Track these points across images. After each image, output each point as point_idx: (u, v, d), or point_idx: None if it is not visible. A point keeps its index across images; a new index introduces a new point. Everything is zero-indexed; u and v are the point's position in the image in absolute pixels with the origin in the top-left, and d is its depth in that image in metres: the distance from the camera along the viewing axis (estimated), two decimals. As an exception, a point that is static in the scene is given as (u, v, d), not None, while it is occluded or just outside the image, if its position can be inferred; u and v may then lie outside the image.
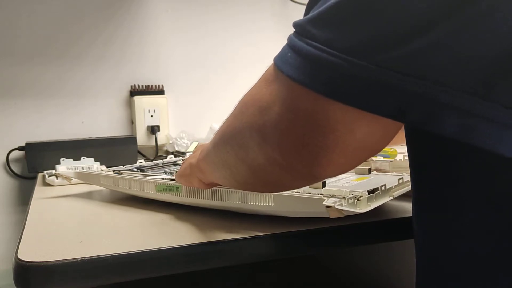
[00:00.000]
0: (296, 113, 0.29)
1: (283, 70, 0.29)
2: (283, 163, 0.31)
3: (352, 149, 0.29)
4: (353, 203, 0.41)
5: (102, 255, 0.40)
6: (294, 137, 0.29)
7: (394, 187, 0.47)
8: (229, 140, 0.37)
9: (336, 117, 0.28)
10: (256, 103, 0.32)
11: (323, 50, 0.27)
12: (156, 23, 1.14)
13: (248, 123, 0.33)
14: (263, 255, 0.45)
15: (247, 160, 0.35)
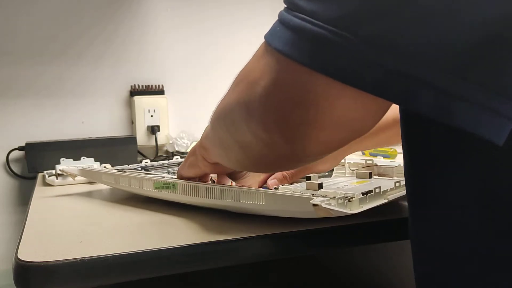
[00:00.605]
0: (280, 86, 0.28)
1: (271, 43, 0.29)
2: (267, 139, 0.30)
3: (332, 125, 0.28)
4: (343, 203, 0.41)
5: (102, 255, 0.40)
6: (276, 112, 0.29)
7: (390, 190, 0.47)
8: (222, 118, 0.37)
9: (317, 90, 0.27)
10: (246, 79, 0.32)
11: (308, 21, 0.27)
12: (156, 22, 1.14)
13: (237, 98, 0.33)
14: (263, 255, 0.45)
15: (237, 137, 0.35)
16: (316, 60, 0.26)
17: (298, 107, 0.28)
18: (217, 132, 0.39)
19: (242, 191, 0.47)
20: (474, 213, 0.32)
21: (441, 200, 0.35)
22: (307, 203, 0.41)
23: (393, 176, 0.60)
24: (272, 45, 0.29)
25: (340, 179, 0.60)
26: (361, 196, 0.42)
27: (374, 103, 0.28)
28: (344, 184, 0.55)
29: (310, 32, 0.26)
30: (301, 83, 0.28)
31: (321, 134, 0.28)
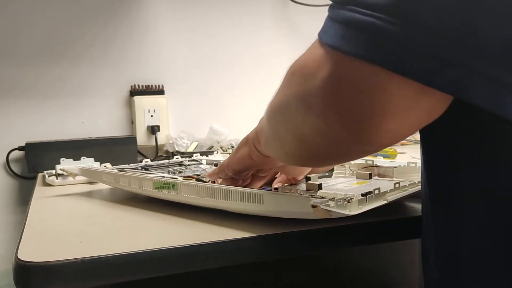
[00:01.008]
0: (337, 79, 0.28)
1: (322, 39, 0.29)
2: (327, 131, 0.30)
3: (398, 114, 0.27)
4: (342, 204, 0.41)
5: (102, 255, 0.40)
6: (339, 103, 0.28)
7: (389, 191, 0.47)
8: (278, 111, 0.36)
9: (376, 82, 0.27)
10: (300, 71, 0.32)
11: (360, 11, 0.27)
12: (156, 23, 1.14)
13: (293, 92, 0.32)
14: (262, 255, 0.45)
15: (294, 130, 0.34)
16: (371, 52, 0.26)
17: (358, 98, 0.27)
18: (273, 126, 0.39)
19: (241, 191, 0.47)
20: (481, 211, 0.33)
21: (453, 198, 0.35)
22: (306, 204, 0.41)
23: (393, 176, 0.60)
24: (324, 40, 0.29)
25: (340, 179, 0.60)
26: (360, 198, 0.42)
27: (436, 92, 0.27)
28: (344, 184, 0.55)
29: (362, 22, 0.26)
30: (358, 76, 0.27)
31: (389, 123, 0.28)
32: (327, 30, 0.30)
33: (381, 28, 0.26)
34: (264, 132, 0.43)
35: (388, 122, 0.28)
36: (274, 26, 1.26)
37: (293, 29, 1.28)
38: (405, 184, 0.50)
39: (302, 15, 1.27)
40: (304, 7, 1.24)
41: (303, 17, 1.27)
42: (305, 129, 0.32)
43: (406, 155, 0.92)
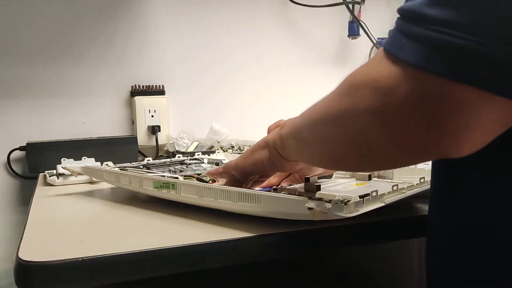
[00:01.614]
0: (424, 96, 0.29)
1: (399, 56, 0.29)
2: (406, 144, 0.31)
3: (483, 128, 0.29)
4: (338, 206, 0.41)
5: (103, 255, 0.40)
6: (424, 120, 0.29)
7: (387, 193, 0.47)
8: (335, 120, 0.36)
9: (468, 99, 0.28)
10: (371, 85, 0.31)
11: (444, 32, 0.27)
12: (157, 23, 1.14)
13: (363, 105, 0.32)
14: (262, 255, 0.46)
15: (359, 141, 0.34)
16: (459, 72, 0.27)
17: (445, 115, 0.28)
18: (319, 133, 0.39)
19: (240, 192, 0.47)
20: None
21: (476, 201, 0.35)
22: (303, 206, 0.41)
23: (393, 178, 0.60)
24: (402, 58, 0.29)
25: (339, 180, 0.60)
26: (358, 200, 0.42)
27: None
28: (343, 186, 0.55)
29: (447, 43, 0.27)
30: (445, 94, 0.28)
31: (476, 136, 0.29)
32: (401, 46, 0.30)
33: (467, 47, 0.26)
34: (300, 137, 0.43)
35: (475, 135, 0.29)
36: (274, 26, 1.26)
37: (293, 29, 1.28)
38: (403, 186, 0.50)
39: (301, 15, 1.27)
40: (304, 8, 1.24)
41: (302, 18, 1.27)
42: (377, 140, 0.32)
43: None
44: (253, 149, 0.51)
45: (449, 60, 0.27)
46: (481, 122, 0.28)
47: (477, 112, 0.28)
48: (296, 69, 1.28)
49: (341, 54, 1.30)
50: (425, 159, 0.33)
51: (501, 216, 0.33)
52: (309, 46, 1.29)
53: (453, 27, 0.27)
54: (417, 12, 0.29)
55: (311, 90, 1.28)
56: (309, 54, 1.29)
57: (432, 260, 0.42)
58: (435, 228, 0.41)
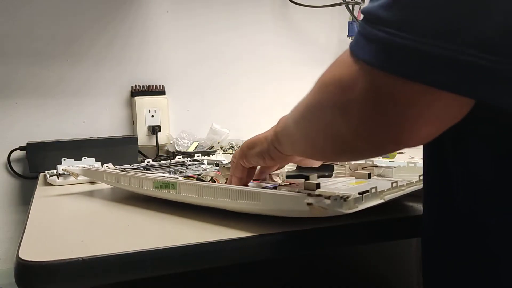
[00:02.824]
0: (378, 92, 0.31)
1: (359, 55, 0.32)
2: (366, 135, 0.34)
3: (430, 121, 0.31)
4: (337, 202, 0.41)
5: (103, 255, 0.40)
6: (378, 113, 0.32)
7: (386, 190, 0.47)
8: (311, 116, 0.39)
9: (416, 94, 0.30)
10: (336, 83, 0.34)
11: (397, 35, 0.29)
12: (157, 23, 1.14)
13: (331, 101, 0.35)
14: (262, 255, 0.46)
15: (330, 133, 0.37)
16: (406, 69, 0.29)
17: (399, 108, 0.31)
18: (301, 128, 0.42)
19: (239, 190, 0.48)
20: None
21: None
22: (302, 202, 0.41)
23: (392, 176, 0.60)
24: (361, 57, 0.32)
25: (339, 179, 0.60)
26: (357, 196, 0.42)
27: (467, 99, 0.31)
28: (342, 184, 0.55)
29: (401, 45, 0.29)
30: (398, 90, 0.30)
31: (422, 129, 0.32)
32: (362, 47, 0.32)
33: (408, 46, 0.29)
34: (290, 133, 0.46)
35: (421, 128, 0.32)
36: (274, 26, 1.26)
37: (292, 29, 1.28)
38: (403, 183, 0.50)
39: (301, 15, 1.27)
40: (304, 8, 1.24)
41: (302, 18, 1.28)
42: (343, 132, 0.35)
43: (405, 155, 0.92)
44: (254, 141, 0.53)
45: (397, 58, 0.29)
46: (430, 116, 0.31)
47: (425, 107, 0.30)
48: (296, 69, 1.28)
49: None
50: (387, 150, 0.36)
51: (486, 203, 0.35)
52: (309, 46, 1.29)
53: (398, 28, 0.29)
54: (372, 14, 0.31)
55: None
56: (309, 55, 1.29)
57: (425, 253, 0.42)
58: (426, 220, 0.42)
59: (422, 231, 0.43)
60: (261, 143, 0.52)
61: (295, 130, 0.44)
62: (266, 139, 0.51)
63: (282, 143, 0.48)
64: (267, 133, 0.51)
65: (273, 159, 0.51)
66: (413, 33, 0.28)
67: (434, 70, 0.28)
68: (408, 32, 0.29)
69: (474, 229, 0.36)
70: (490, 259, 0.35)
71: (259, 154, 0.52)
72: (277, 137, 0.49)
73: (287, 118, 0.46)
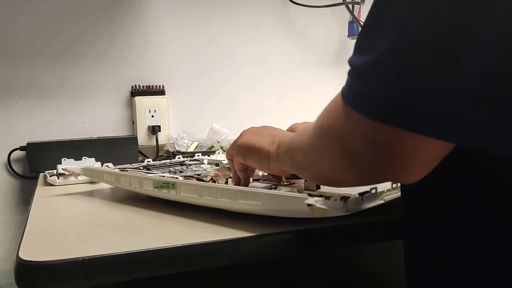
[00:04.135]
0: (373, 142, 0.33)
1: (353, 107, 0.33)
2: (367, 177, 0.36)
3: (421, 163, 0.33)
4: (338, 203, 0.41)
5: (103, 255, 0.40)
6: (376, 161, 0.34)
7: (386, 191, 0.47)
8: (316, 155, 0.40)
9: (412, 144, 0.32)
10: (337, 133, 0.36)
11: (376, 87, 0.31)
12: (157, 23, 1.14)
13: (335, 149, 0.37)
14: (262, 254, 0.46)
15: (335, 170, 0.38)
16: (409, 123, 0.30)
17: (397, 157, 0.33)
18: (307, 161, 0.43)
19: (239, 191, 0.48)
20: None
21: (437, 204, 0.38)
22: (302, 203, 0.41)
23: None
24: (357, 110, 0.33)
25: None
26: (357, 197, 0.42)
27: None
28: None
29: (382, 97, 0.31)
30: (395, 140, 0.32)
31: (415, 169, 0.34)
32: (353, 98, 0.33)
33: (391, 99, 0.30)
34: (295, 158, 0.46)
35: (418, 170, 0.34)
36: (274, 27, 1.26)
37: (292, 30, 1.28)
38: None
39: (301, 16, 1.27)
40: (303, 8, 1.24)
41: (302, 18, 1.28)
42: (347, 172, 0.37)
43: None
44: (255, 149, 0.52)
45: (386, 110, 0.31)
46: (421, 159, 0.33)
47: (414, 152, 0.32)
48: (295, 69, 1.28)
49: (341, 55, 1.30)
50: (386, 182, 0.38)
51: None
52: (309, 46, 1.29)
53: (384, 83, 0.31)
54: (356, 67, 0.33)
55: (310, 90, 1.28)
56: (309, 55, 1.29)
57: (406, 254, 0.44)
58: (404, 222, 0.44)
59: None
60: (261, 153, 0.52)
61: (302, 160, 0.45)
62: (267, 154, 0.51)
63: (282, 162, 0.49)
64: (268, 148, 0.51)
65: (271, 170, 0.52)
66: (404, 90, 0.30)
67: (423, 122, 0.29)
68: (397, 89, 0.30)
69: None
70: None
71: (258, 163, 0.52)
72: (279, 156, 0.49)
73: (291, 143, 0.47)
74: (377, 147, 0.33)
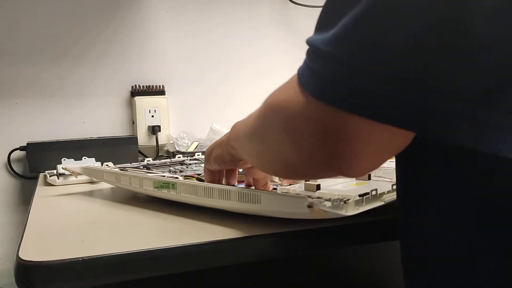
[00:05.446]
0: (323, 126, 0.31)
1: (305, 87, 0.32)
2: (311, 164, 0.34)
3: (372, 153, 0.32)
4: (338, 205, 0.41)
5: (103, 255, 0.40)
6: (323, 147, 0.32)
7: (387, 192, 0.47)
8: (260, 139, 0.40)
9: (358, 129, 0.30)
10: (284, 111, 0.34)
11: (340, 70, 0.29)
12: (157, 23, 1.14)
13: (279, 128, 0.35)
14: (262, 254, 0.46)
15: (278, 157, 0.37)
16: (353, 104, 0.29)
17: (343, 143, 0.31)
18: (253, 146, 0.42)
19: (239, 192, 0.48)
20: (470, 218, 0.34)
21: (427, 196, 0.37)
22: (302, 204, 0.41)
23: (392, 178, 0.60)
24: (307, 89, 0.32)
25: (339, 180, 0.60)
26: (358, 198, 0.42)
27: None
28: (342, 185, 0.55)
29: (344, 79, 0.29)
30: (342, 124, 0.30)
31: (366, 161, 0.32)
32: (306, 78, 0.32)
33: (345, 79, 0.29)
34: (242, 147, 0.46)
35: (364, 162, 0.32)
36: (274, 26, 1.26)
37: (292, 29, 1.28)
38: None
39: (301, 16, 1.27)
40: (303, 8, 1.24)
41: (302, 18, 1.28)
42: (293, 159, 0.35)
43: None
44: (213, 146, 0.54)
45: (338, 92, 0.29)
46: (369, 150, 0.31)
47: (365, 141, 0.30)
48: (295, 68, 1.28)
49: (341, 54, 1.30)
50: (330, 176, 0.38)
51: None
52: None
53: (338, 62, 0.29)
54: (316, 47, 0.32)
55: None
56: (309, 54, 1.29)
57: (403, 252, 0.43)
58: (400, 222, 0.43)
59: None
60: (217, 146, 0.53)
61: (246, 146, 0.44)
62: (221, 143, 0.52)
63: (234, 149, 0.49)
64: (222, 138, 0.52)
65: (225, 162, 0.52)
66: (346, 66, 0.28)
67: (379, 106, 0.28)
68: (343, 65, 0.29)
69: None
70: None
71: (216, 158, 0.52)
72: (230, 143, 0.49)
73: (240, 129, 0.46)
74: (324, 132, 0.31)
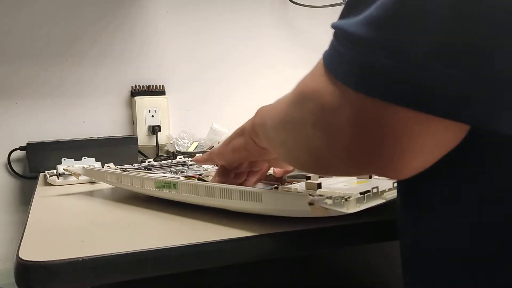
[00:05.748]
0: (363, 119, 0.28)
1: (339, 76, 0.29)
2: (350, 161, 0.31)
3: (422, 151, 0.28)
4: (339, 202, 0.40)
5: (103, 255, 0.40)
6: (365, 143, 0.29)
7: (388, 190, 0.47)
8: (290, 128, 0.36)
9: (406, 122, 0.27)
10: (317, 100, 0.31)
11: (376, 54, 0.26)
12: (157, 23, 1.14)
13: (311, 119, 0.32)
14: (262, 254, 0.46)
15: (309, 150, 0.34)
16: (393, 94, 0.26)
17: (383, 140, 0.28)
18: (280, 135, 0.39)
19: (240, 190, 0.47)
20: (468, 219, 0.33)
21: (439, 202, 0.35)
22: (303, 202, 0.41)
23: None
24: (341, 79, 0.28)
25: (340, 179, 0.60)
26: (359, 196, 0.42)
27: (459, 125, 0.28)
28: (344, 184, 0.55)
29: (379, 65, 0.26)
30: (387, 118, 0.27)
31: (409, 160, 0.28)
32: (337, 65, 0.29)
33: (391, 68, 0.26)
34: (268, 135, 0.43)
35: (412, 162, 0.28)
36: (274, 27, 1.26)
37: (292, 30, 1.28)
38: None
39: (301, 16, 1.27)
40: (303, 8, 1.24)
41: (302, 18, 1.27)
42: (325, 153, 0.32)
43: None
44: (232, 136, 0.52)
45: (383, 83, 0.26)
46: (418, 148, 0.28)
47: (413, 137, 0.27)
48: (296, 69, 1.28)
49: (341, 54, 1.30)
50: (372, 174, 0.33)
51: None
52: (309, 46, 1.29)
53: (380, 47, 0.26)
54: (346, 31, 0.28)
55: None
56: (309, 54, 1.29)
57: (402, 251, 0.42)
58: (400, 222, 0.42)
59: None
60: (237, 135, 0.50)
61: (273, 134, 0.41)
62: (242, 131, 0.49)
63: (259, 136, 0.46)
64: (244, 125, 0.49)
65: (249, 150, 0.49)
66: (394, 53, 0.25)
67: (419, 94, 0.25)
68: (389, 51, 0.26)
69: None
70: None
71: (236, 148, 0.50)
72: (254, 129, 0.46)
73: (265, 115, 0.43)
74: (365, 125, 0.28)
